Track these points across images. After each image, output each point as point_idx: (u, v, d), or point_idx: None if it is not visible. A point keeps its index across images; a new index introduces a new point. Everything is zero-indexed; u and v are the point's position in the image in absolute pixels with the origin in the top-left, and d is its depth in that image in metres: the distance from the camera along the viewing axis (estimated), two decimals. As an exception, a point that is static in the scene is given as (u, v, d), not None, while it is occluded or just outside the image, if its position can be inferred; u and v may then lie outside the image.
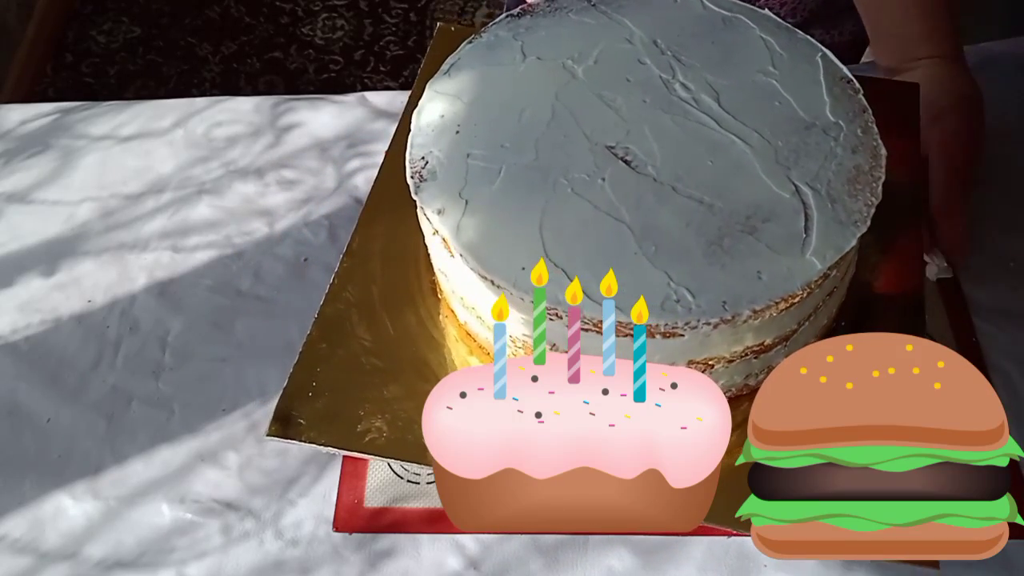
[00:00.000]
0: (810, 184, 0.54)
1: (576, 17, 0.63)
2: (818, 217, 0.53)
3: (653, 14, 0.63)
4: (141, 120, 0.83)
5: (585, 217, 0.54)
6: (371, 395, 0.57)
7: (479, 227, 0.53)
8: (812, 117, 0.57)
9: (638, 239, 0.52)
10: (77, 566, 0.59)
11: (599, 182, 0.55)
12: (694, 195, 0.54)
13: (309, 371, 0.58)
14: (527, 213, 0.54)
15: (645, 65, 0.60)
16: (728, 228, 0.53)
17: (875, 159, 0.56)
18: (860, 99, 0.58)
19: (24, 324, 0.70)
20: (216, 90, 1.87)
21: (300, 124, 0.82)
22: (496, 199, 0.55)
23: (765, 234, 0.52)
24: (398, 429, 0.56)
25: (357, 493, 0.61)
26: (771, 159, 0.55)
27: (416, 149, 0.57)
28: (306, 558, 0.59)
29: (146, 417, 0.65)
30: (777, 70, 0.60)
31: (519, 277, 0.51)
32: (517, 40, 0.62)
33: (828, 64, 0.60)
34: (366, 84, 1.89)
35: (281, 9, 2.03)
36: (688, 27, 0.62)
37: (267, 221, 0.76)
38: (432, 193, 0.55)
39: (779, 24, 0.62)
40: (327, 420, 0.57)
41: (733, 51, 0.61)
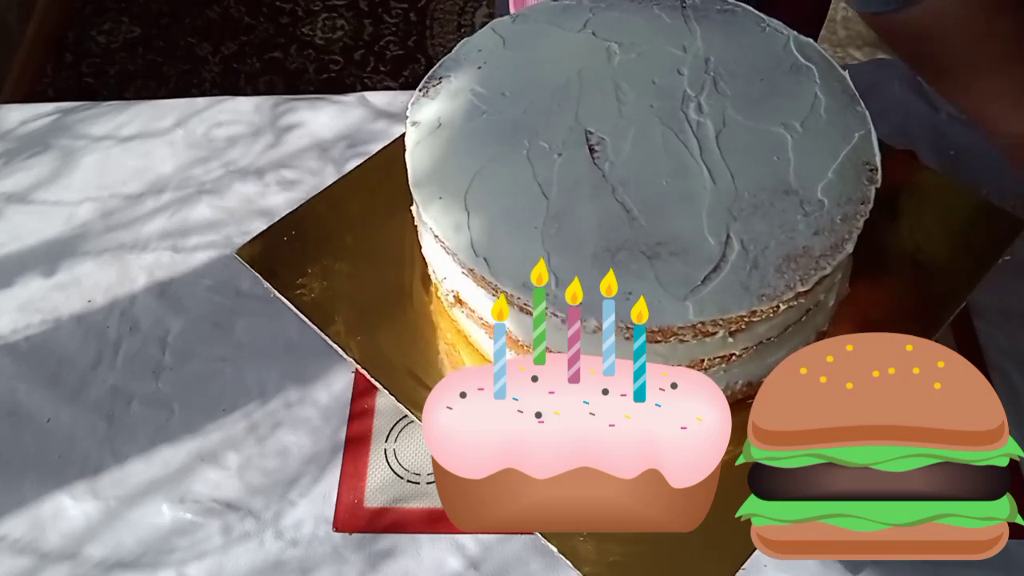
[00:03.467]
0: (744, 242, 0.51)
1: (658, 11, 0.63)
2: (727, 273, 0.50)
3: (729, 34, 0.62)
4: (141, 120, 0.83)
5: (518, 177, 0.54)
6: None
7: (431, 151, 0.57)
8: (799, 185, 0.54)
9: (547, 217, 0.53)
10: (77, 566, 0.59)
11: (554, 156, 0.55)
12: (627, 203, 0.53)
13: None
14: (476, 152, 0.56)
15: (680, 76, 0.59)
16: (633, 244, 0.51)
17: (834, 251, 0.52)
18: (868, 188, 0.54)
19: (24, 324, 0.70)
20: (216, 90, 1.87)
21: (300, 124, 0.82)
22: (463, 130, 0.57)
23: (663, 264, 0.51)
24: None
25: (357, 493, 0.61)
26: (725, 204, 0.53)
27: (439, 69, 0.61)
28: (306, 558, 0.59)
29: (146, 417, 0.65)
30: (803, 129, 0.56)
31: (447, 184, 0.54)
32: (592, 13, 0.63)
33: (862, 144, 0.56)
34: (366, 84, 1.89)
35: (281, 9, 2.03)
36: (752, 58, 0.60)
37: (267, 221, 0.75)
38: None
39: (847, 89, 0.59)
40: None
41: (776, 95, 0.58)
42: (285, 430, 0.64)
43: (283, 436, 0.64)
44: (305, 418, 0.65)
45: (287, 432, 0.64)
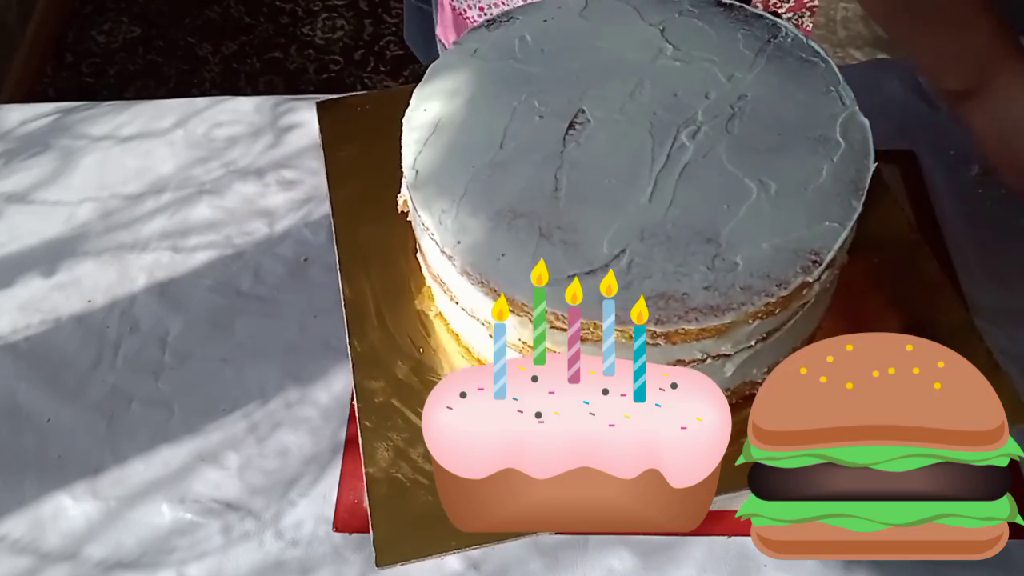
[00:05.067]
0: (633, 263, 0.50)
1: (739, 36, 0.62)
2: (595, 281, 0.49)
3: (786, 81, 0.59)
4: (141, 120, 0.83)
5: (494, 119, 0.57)
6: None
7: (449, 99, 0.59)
8: (725, 240, 0.51)
9: (489, 163, 0.55)
10: (77, 566, 0.59)
11: (536, 117, 0.57)
12: (560, 181, 0.54)
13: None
14: (483, 84, 0.60)
15: (706, 100, 0.58)
16: (538, 217, 0.53)
17: (712, 312, 0.50)
18: (796, 277, 0.50)
19: (24, 324, 0.70)
20: (216, 90, 1.87)
21: (300, 124, 0.82)
22: (470, 74, 0.61)
23: (549, 246, 0.51)
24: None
25: (357, 493, 0.61)
26: (643, 223, 0.52)
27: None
28: (306, 558, 0.59)
29: (146, 417, 0.65)
30: (775, 195, 0.53)
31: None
32: (678, 14, 0.63)
33: (823, 235, 0.52)
34: (366, 84, 1.89)
35: (281, 9, 2.03)
36: (788, 113, 0.57)
37: (267, 221, 0.76)
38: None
39: (857, 181, 0.54)
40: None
41: (779, 154, 0.55)
42: (285, 430, 0.64)
43: (283, 436, 0.64)
44: (305, 418, 0.65)
45: (287, 432, 0.64)
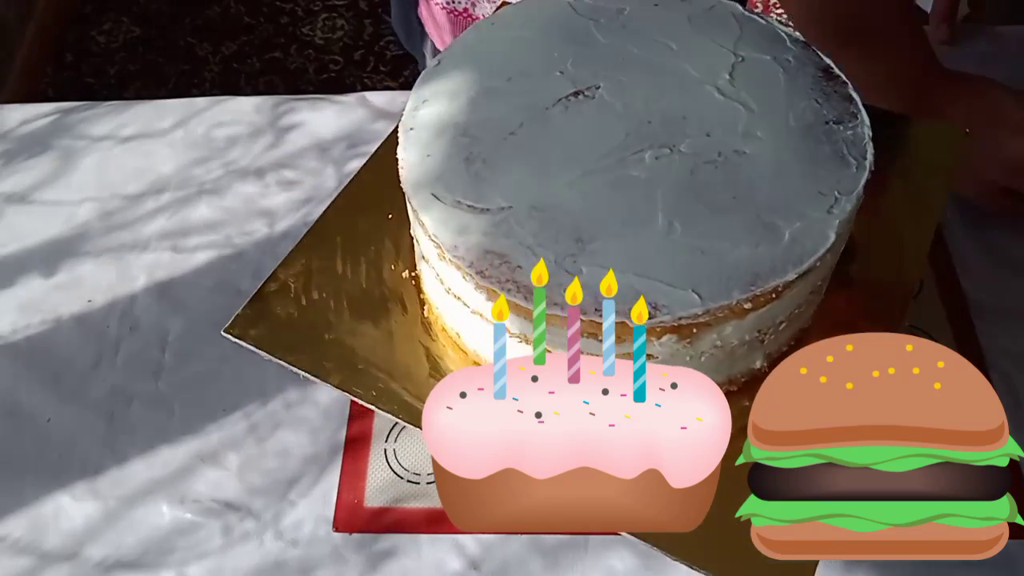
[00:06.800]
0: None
1: (809, 92, 0.58)
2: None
3: (806, 157, 0.54)
4: (141, 120, 0.83)
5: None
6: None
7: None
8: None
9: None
10: (77, 566, 0.59)
11: (557, 72, 0.58)
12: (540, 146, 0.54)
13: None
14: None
15: (705, 137, 0.54)
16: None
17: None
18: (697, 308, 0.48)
19: (24, 324, 0.70)
20: (216, 90, 1.87)
21: (300, 124, 0.82)
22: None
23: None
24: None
25: (357, 493, 0.61)
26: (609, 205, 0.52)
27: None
28: (306, 558, 0.59)
29: (146, 417, 0.65)
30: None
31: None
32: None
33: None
34: (366, 84, 1.89)
35: (281, 9, 2.03)
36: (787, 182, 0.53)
37: (267, 221, 0.76)
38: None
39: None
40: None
41: (737, 230, 0.51)
42: (285, 430, 0.64)
43: (283, 436, 0.64)
44: (305, 418, 0.65)
45: (287, 432, 0.64)
